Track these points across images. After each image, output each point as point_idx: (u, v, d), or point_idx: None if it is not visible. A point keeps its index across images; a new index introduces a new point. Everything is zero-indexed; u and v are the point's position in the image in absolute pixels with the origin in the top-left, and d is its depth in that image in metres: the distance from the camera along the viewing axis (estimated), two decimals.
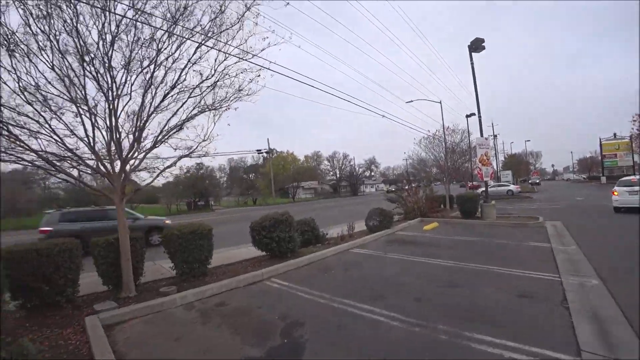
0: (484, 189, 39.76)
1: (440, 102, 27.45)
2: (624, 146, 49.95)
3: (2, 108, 4.97)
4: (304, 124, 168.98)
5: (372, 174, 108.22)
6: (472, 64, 15.61)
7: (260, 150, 53.21)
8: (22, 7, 4.81)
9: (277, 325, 4.34)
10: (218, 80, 6.30)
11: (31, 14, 4.85)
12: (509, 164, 59.06)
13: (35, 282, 4.77)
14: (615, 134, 51.76)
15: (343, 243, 9.76)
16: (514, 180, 51.25)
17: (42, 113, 5.18)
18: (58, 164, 5.57)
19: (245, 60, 6.58)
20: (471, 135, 25.23)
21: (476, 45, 15.68)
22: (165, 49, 5.71)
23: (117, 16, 5.30)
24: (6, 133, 4.77)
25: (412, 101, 27.60)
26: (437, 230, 12.43)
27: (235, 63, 6.39)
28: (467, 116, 28.86)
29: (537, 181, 62.91)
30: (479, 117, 15.10)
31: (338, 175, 79.10)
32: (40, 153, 5.20)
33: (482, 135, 15.02)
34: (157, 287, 6.06)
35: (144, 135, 6.08)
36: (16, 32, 4.85)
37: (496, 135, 49.21)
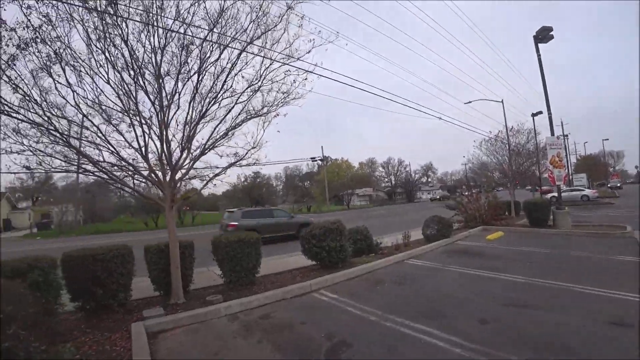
0: (554, 193, 36.13)
1: (502, 101, 25.57)
2: None
3: (68, 122, 5.32)
4: (358, 131, 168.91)
5: (429, 180, 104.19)
6: (538, 56, 14.15)
7: (314, 158, 53.45)
8: (84, 30, 5.08)
9: (321, 345, 3.99)
10: (262, 85, 6.22)
11: (90, 37, 5.11)
12: (582, 166, 53.31)
13: (91, 285, 4.94)
14: None
15: (398, 253, 9.18)
16: (589, 184, 46.07)
17: (100, 126, 5.45)
18: (117, 174, 5.84)
19: (290, 65, 6.44)
20: (539, 135, 23.09)
21: (543, 35, 14.19)
22: (211, 55, 5.74)
23: (165, 30, 5.43)
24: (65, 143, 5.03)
25: (470, 102, 26.06)
26: (503, 240, 11.27)
27: (280, 67, 6.27)
28: (533, 115, 26.43)
29: (618, 184, 55.80)
30: (549, 114, 13.56)
31: (393, 182, 77.37)
32: (99, 164, 5.45)
33: (552, 134, 13.44)
34: (206, 294, 6.03)
35: (194, 145, 6.17)
36: (78, 51, 5.15)
37: (567, 135, 44.73)
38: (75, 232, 27.97)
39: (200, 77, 5.80)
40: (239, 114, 6.33)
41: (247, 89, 6.25)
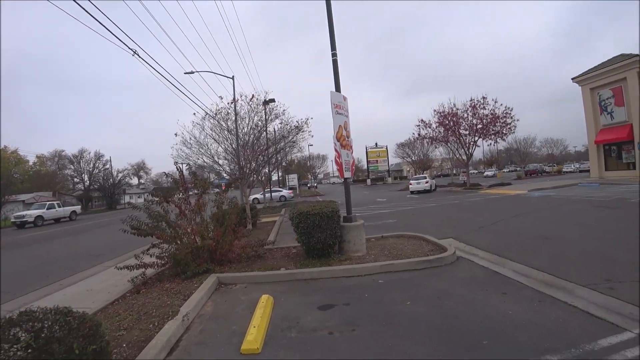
0: (256, 195, 33.16)
1: (233, 78, 19.68)
2: (383, 153, 57.88)
3: None
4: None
5: (141, 180, 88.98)
6: None
7: None
8: None
9: None
10: None
11: None
12: (292, 167, 57.75)
13: None
14: (376, 143, 59.04)
15: None
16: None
17: None
18: None
19: None
20: (273, 122, 18.61)
21: None
22: None
23: None
24: None
25: (192, 72, 18.45)
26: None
27: None
28: (265, 102, 21.11)
29: (315, 185, 65.39)
30: (334, 55, 7.38)
31: (88, 183, 57.16)
32: None
33: (338, 89, 7.33)
34: None
35: None
36: None
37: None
38: None
39: None
40: None
41: None
